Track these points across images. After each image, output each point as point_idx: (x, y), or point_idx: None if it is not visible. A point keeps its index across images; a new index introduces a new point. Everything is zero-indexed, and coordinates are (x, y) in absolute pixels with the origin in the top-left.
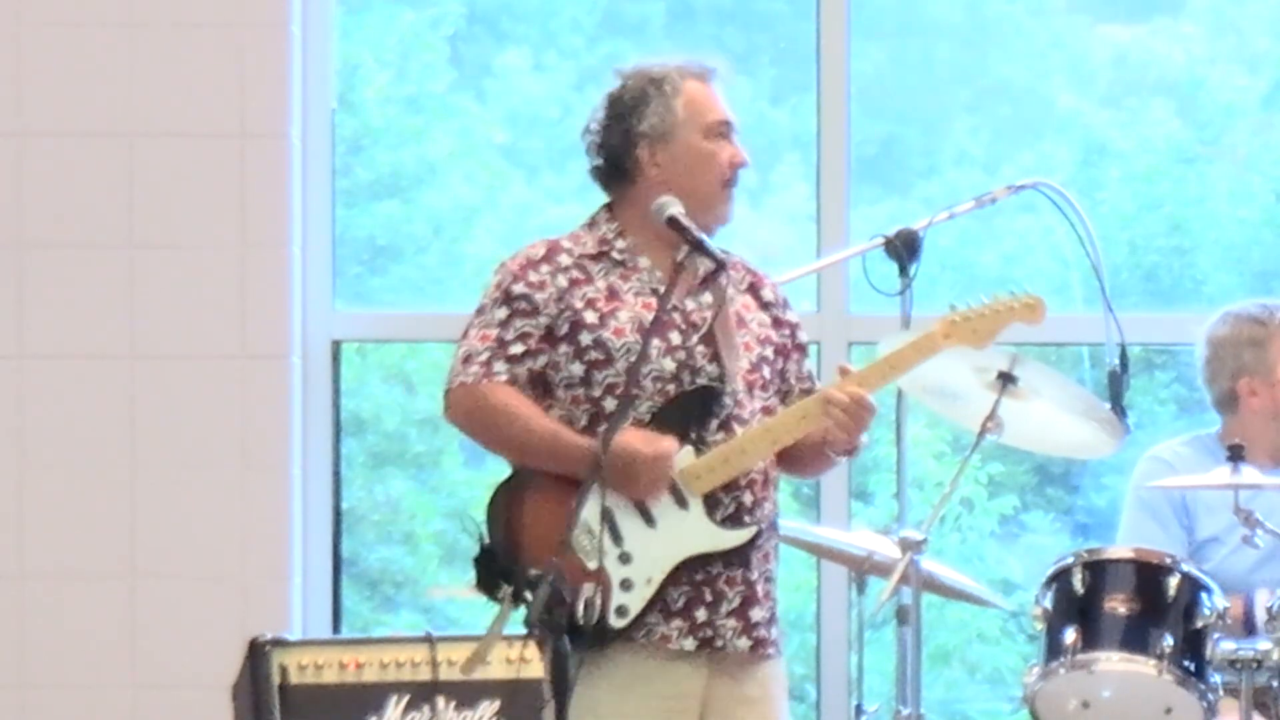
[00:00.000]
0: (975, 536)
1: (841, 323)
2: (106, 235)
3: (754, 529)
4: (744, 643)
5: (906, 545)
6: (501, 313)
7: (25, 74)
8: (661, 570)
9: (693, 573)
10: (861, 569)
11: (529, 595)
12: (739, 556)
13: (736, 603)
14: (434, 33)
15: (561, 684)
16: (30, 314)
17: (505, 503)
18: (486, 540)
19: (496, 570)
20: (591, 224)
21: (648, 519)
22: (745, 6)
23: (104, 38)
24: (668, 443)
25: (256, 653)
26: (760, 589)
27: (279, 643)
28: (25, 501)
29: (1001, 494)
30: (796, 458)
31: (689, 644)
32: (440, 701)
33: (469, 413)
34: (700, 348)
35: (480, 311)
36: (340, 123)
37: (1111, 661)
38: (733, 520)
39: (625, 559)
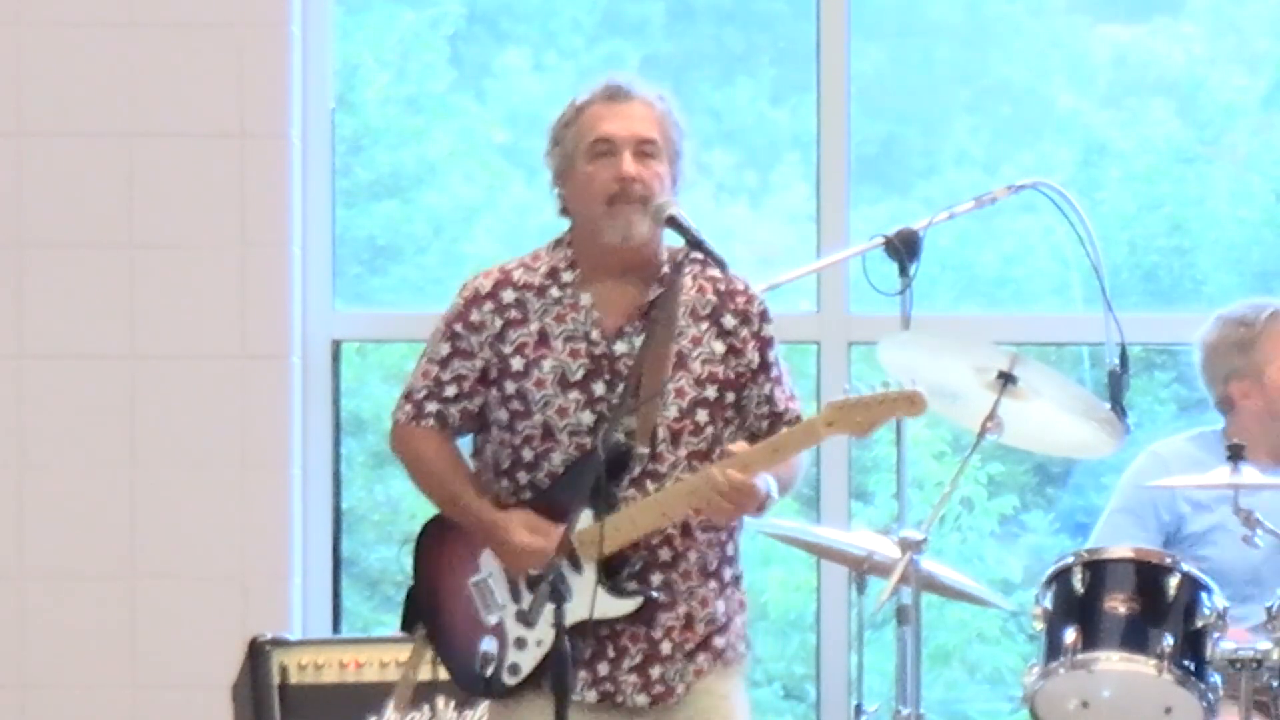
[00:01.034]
0: (975, 536)
1: (841, 323)
2: (106, 235)
3: (639, 599)
4: (643, 699)
5: (906, 545)
6: (444, 349)
7: (25, 74)
8: (552, 633)
9: (598, 627)
10: (861, 569)
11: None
12: (641, 616)
13: (638, 659)
14: (434, 33)
15: (562, 685)
16: (30, 314)
17: (424, 544)
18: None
19: (414, 608)
20: (556, 243)
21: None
22: (745, 6)
23: (104, 38)
24: (538, 541)
25: (256, 653)
26: (669, 645)
27: (279, 643)
28: (25, 501)
29: (1001, 494)
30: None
31: (591, 696)
32: (440, 701)
33: (398, 452)
34: (624, 399)
35: (431, 339)
36: (340, 123)
37: (1111, 661)
38: (638, 578)
39: (522, 617)
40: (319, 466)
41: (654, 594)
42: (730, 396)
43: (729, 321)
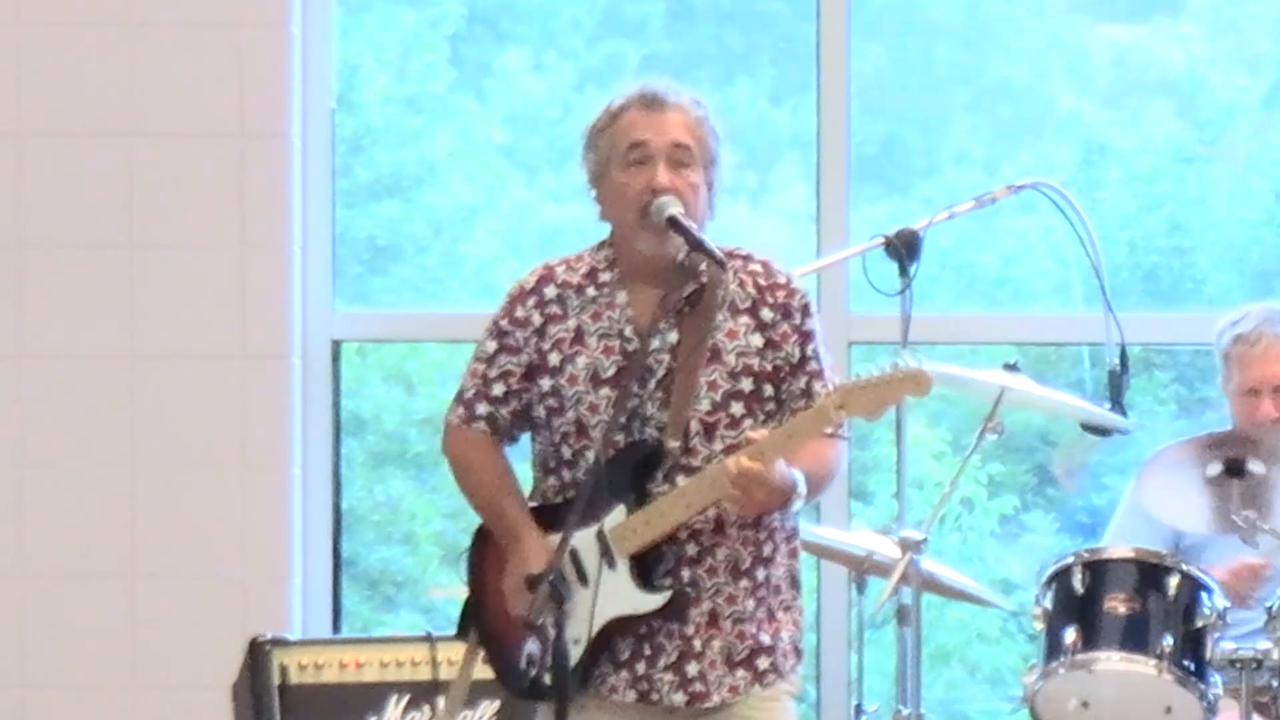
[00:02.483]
0: (975, 536)
1: (841, 323)
2: (106, 235)
3: (668, 593)
4: (679, 697)
5: (906, 545)
6: (491, 346)
7: (25, 74)
8: (589, 631)
9: (636, 626)
10: (861, 569)
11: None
12: (674, 612)
13: (674, 657)
14: (434, 33)
15: (562, 686)
16: (30, 314)
17: (473, 550)
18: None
19: (468, 614)
20: (600, 245)
21: (583, 578)
22: (745, 6)
23: (104, 38)
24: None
25: (256, 653)
26: (700, 641)
27: (279, 643)
28: (25, 501)
29: (1001, 494)
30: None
31: (630, 696)
32: (440, 701)
33: (448, 454)
34: (658, 394)
35: (480, 340)
36: (340, 123)
37: (1111, 661)
38: (672, 574)
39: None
40: (319, 466)
41: (684, 589)
42: (768, 389)
43: (767, 315)
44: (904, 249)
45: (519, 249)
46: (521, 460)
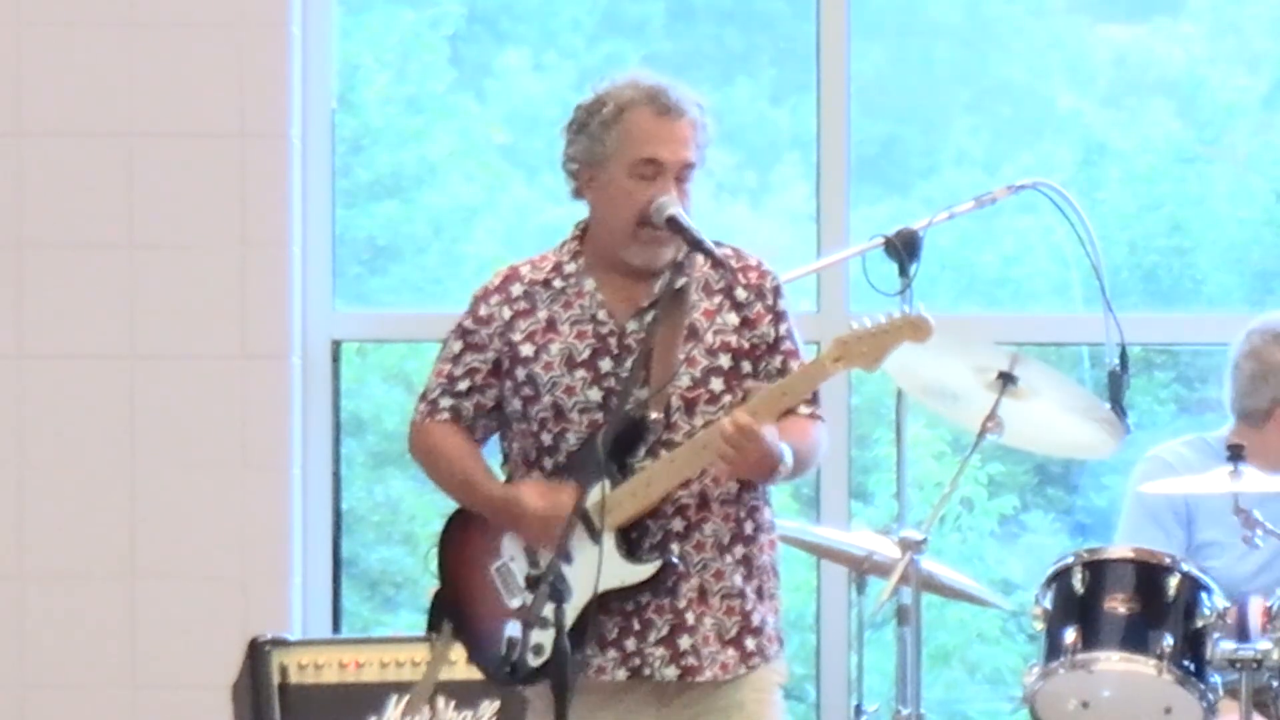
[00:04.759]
0: (975, 536)
1: (841, 323)
2: (106, 235)
3: (658, 563)
4: (671, 671)
5: (906, 545)
6: (456, 346)
7: (25, 74)
8: (575, 608)
9: (623, 603)
10: (861, 569)
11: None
12: (664, 586)
13: (665, 631)
14: (434, 33)
15: (561, 685)
16: (30, 314)
17: (446, 540)
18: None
19: (439, 607)
20: (563, 242)
21: (566, 556)
22: (745, 6)
23: (104, 38)
24: (558, 497)
25: (256, 653)
26: (692, 615)
27: (279, 643)
28: (25, 501)
29: (1001, 494)
30: None
31: (621, 674)
32: (440, 701)
33: (415, 451)
34: (638, 372)
35: (445, 342)
36: (340, 123)
37: (1111, 661)
38: (659, 548)
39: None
40: (319, 466)
41: (673, 559)
42: (746, 366)
43: (742, 294)
44: (904, 249)
45: (519, 249)
46: (494, 461)
